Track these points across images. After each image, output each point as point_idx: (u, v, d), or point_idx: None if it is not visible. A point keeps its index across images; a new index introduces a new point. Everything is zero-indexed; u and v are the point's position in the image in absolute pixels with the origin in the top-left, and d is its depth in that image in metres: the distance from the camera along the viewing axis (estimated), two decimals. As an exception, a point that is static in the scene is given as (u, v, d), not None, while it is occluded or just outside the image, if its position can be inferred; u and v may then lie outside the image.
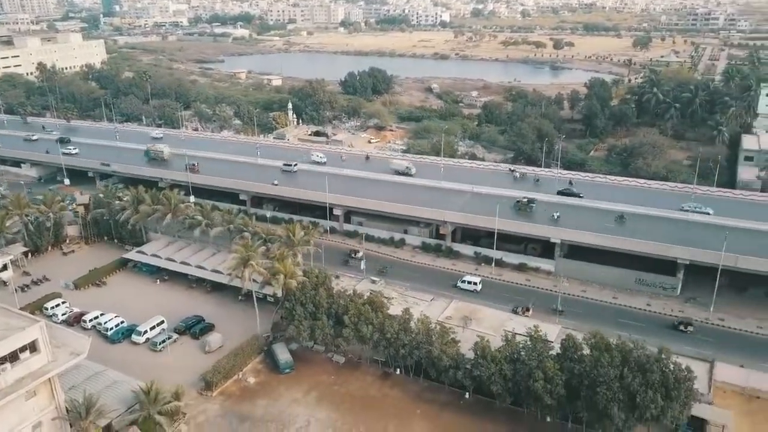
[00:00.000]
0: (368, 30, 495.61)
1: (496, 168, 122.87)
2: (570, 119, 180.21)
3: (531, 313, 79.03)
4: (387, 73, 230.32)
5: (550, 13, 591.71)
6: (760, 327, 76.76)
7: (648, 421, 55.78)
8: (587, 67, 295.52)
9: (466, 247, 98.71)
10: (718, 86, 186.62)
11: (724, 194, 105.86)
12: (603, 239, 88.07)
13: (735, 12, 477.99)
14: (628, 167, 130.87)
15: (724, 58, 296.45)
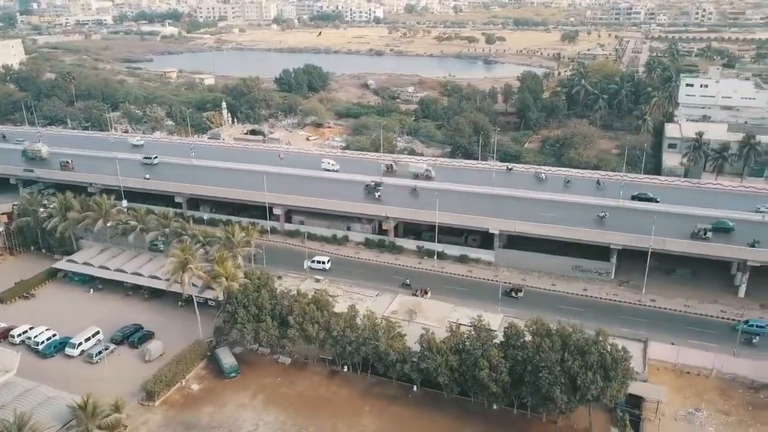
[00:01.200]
0: (302, 27, 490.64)
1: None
2: (504, 112, 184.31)
3: (429, 295, 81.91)
4: (323, 69, 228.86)
5: (481, 9, 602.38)
6: (687, 306, 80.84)
7: (589, 401, 57.81)
8: (519, 61, 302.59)
9: (409, 242, 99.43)
10: (641, 78, 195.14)
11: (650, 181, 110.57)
12: (538, 228, 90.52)
13: (654, 7, 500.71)
14: (561, 158, 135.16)
15: (646, 51, 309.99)
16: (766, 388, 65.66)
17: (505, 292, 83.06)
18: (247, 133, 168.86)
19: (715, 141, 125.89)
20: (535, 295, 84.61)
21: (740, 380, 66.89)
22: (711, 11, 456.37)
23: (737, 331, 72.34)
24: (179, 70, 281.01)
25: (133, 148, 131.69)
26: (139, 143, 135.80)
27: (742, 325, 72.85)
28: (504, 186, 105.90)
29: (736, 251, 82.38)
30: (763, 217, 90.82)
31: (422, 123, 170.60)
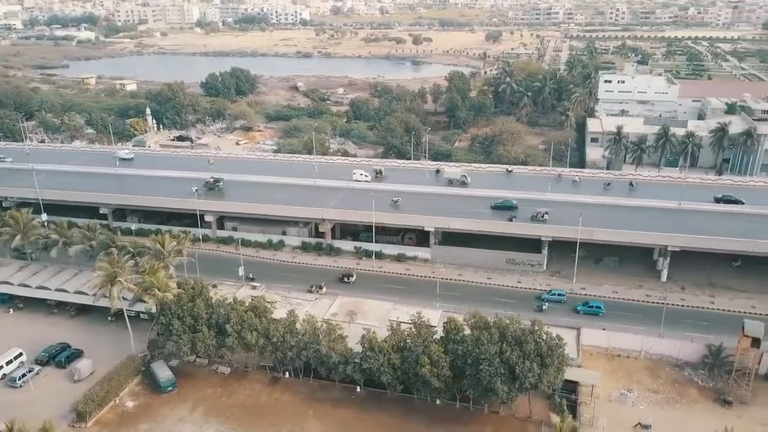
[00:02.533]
0: (227, 30, 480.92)
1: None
2: (434, 112, 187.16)
3: (324, 291, 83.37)
4: (250, 72, 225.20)
5: (407, 10, 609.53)
6: (615, 292, 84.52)
7: (528, 389, 59.40)
8: (446, 61, 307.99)
9: (347, 243, 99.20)
10: (563, 75, 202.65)
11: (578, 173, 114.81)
12: (471, 224, 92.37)
13: (572, 7, 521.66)
14: (490, 155, 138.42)
15: (566, 49, 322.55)
16: (689, 366, 69.46)
17: (338, 278, 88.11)
18: (174, 139, 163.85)
19: (634, 134, 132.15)
20: (472, 289, 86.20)
21: (666, 359, 70.50)
22: (624, 11, 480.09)
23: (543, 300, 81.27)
24: (98, 75, 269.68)
25: (121, 162, 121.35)
26: (128, 157, 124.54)
27: (545, 294, 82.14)
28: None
29: (657, 237, 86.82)
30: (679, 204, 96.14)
31: (354, 124, 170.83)
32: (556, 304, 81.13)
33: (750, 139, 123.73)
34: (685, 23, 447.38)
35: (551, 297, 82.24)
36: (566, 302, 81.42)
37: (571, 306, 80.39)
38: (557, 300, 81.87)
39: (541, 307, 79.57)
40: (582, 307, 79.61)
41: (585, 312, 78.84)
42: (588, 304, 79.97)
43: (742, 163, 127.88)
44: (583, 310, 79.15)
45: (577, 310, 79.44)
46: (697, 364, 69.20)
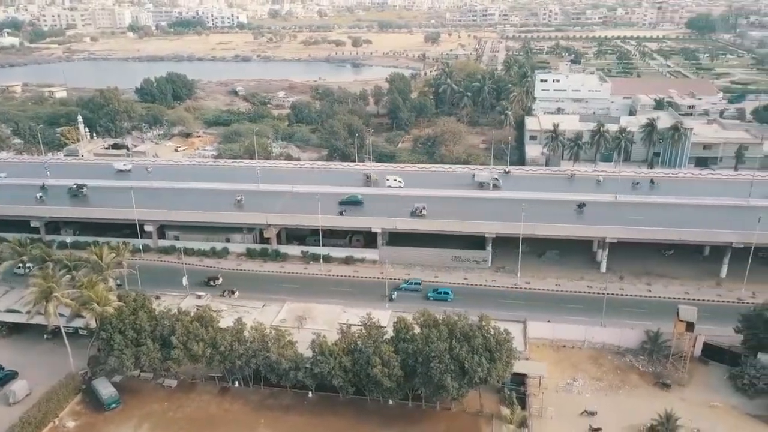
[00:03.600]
0: (161, 34, 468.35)
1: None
2: (376, 114, 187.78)
3: (237, 294, 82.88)
4: (187, 77, 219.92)
5: (345, 12, 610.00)
6: (558, 285, 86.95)
7: (477, 384, 60.25)
8: (386, 63, 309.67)
9: (293, 248, 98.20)
10: (501, 75, 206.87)
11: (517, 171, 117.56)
12: (416, 223, 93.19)
13: (507, 8, 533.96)
14: (433, 155, 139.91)
15: (503, 50, 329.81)
16: (630, 352, 72.08)
17: (204, 281, 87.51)
18: (109, 147, 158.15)
19: (570, 131, 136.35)
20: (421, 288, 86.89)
21: (608, 347, 72.94)
22: (556, 12, 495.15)
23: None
24: (24, 83, 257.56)
25: (117, 174, 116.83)
26: (126, 168, 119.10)
27: (403, 284, 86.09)
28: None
29: (595, 230, 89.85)
30: (615, 198, 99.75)
31: (296, 127, 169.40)
32: (414, 292, 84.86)
33: (677, 133, 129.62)
34: (613, 23, 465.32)
35: (409, 286, 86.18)
36: (422, 290, 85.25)
37: (424, 294, 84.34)
38: (414, 289, 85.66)
39: (391, 296, 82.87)
40: (432, 293, 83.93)
41: (435, 298, 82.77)
42: (437, 290, 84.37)
43: (672, 156, 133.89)
44: (433, 297, 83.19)
45: (428, 296, 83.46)
46: (637, 350, 71.87)
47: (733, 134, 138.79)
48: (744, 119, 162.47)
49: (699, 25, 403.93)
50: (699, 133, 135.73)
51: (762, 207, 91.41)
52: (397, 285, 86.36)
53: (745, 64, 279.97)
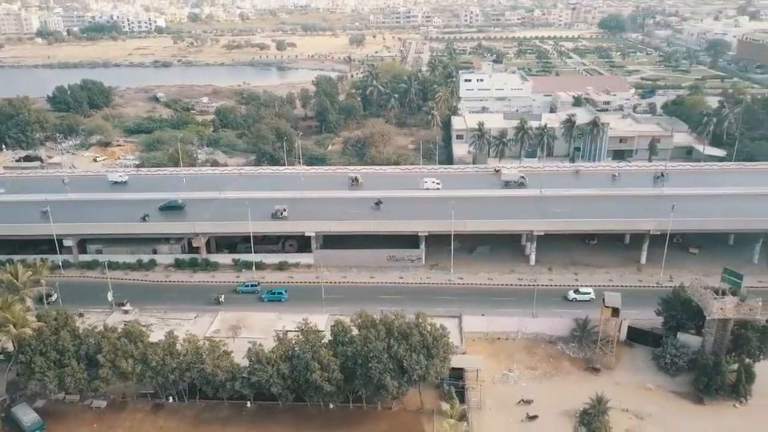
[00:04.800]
0: (73, 39, 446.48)
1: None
2: (304, 117, 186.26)
3: (128, 306, 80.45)
4: (104, 84, 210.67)
5: (268, 15, 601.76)
6: (490, 279, 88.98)
7: (416, 381, 60.72)
8: (312, 65, 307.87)
9: (224, 256, 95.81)
10: (426, 76, 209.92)
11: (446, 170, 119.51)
12: (351, 225, 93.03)
13: (429, 10, 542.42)
14: (363, 157, 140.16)
15: (427, 51, 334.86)
16: (561, 341, 74.66)
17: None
18: (21, 160, 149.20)
19: (495, 129, 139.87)
20: (357, 289, 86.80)
21: (541, 337, 75.26)
22: (477, 13, 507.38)
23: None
24: None
25: (112, 186, 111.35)
26: (121, 180, 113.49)
27: (240, 286, 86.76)
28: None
29: (523, 224, 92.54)
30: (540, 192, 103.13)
31: (222, 133, 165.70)
32: (251, 294, 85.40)
33: (596, 128, 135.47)
34: (531, 24, 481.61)
35: (247, 288, 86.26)
36: (259, 292, 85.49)
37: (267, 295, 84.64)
38: (252, 291, 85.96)
39: (218, 299, 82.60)
40: (267, 295, 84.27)
41: (269, 299, 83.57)
42: (272, 291, 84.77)
43: (591, 150, 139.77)
44: (267, 298, 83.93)
45: (262, 298, 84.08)
46: (568, 338, 74.53)
47: (646, 128, 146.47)
48: (655, 113, 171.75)
49: (610, 25, 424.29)
50: (615, 128, 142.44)
51: (675, 195, 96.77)
52: (232, 287, 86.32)
53: (654, 61, 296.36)
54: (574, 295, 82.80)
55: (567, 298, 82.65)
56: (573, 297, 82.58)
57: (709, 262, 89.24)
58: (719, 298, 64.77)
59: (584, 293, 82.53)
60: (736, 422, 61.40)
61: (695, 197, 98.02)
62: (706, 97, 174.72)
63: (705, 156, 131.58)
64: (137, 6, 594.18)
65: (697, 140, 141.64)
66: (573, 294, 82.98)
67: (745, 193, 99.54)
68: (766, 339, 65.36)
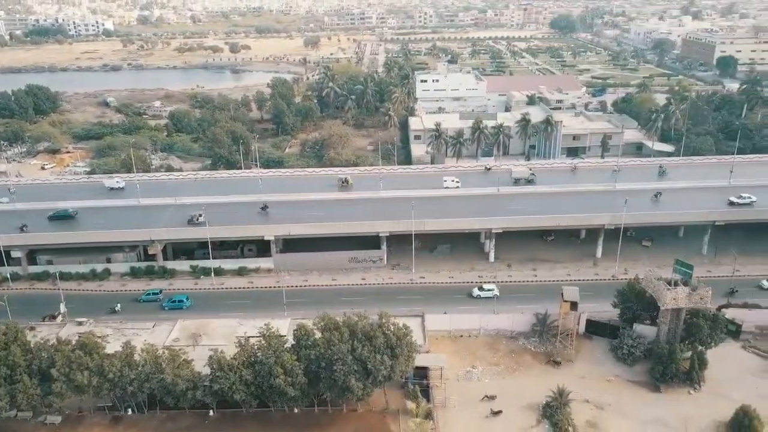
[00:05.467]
0: (15, 43, 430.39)
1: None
2: (260, 120, 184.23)
3: (60, 319, 78.20)
4: (50, 89, 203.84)
5: (220, 18, 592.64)
6: (451, 277, 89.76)
7: (381, 382, 60.66)
8: (267, 68, 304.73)
9: (182, 263, 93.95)
10: (382, 77, 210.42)
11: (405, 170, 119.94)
12: (311, 228, 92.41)
13: (383, 12, 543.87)
14: (322, 159, 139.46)
15: (383, 52, 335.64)
16: (522, 336, 75.77)
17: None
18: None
19: (452, 129, 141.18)
20: (319, 292, 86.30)
21: (502, 333, 76.22)
22: (431, 14, 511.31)
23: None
24: None
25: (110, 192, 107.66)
26: (118, 185, 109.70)
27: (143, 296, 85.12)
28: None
29: (482, 222, 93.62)
30: (498, 190, 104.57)
31: (176, 137, 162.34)
32: (153, 302, 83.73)
33: (549, 126, 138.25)
34: (484, 25, 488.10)
35: (148, 297, 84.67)
36: (161, 300, 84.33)
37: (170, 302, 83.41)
38: (153, 299, 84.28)
39: (114, 309, 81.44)
40: (167, 303, 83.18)
41: (170, 308, 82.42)
42: (172, 299, 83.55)
43: (546, 147, 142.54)
44: (168, 306, 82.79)
45: (163, 307, 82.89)
46: (529, 333, 75.70)
47: (598, 125, 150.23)
48: (606, 111, 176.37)
49: (561, 25, 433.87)
50: (568, 126, 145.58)
51: (627, 190, 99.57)
52: (135, 296, 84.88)
53: (603, 60, 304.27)
54: (478, 292, 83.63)
55: (471, 296, 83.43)
56: (477, 294, 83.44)
57: (661, 254, 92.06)
58: (672, 289, 66.81)
59: (488, 290, 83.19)
60: (690, 408, 63.44)
61: (646, 192, 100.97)
62: (653, 95, 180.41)
63: (654, 151, 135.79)
64: (83, 8, 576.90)
65: (646, 136, 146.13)
66: (477, 291, 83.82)
67: (692, 187, 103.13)
68: (716, 326, 67.89)
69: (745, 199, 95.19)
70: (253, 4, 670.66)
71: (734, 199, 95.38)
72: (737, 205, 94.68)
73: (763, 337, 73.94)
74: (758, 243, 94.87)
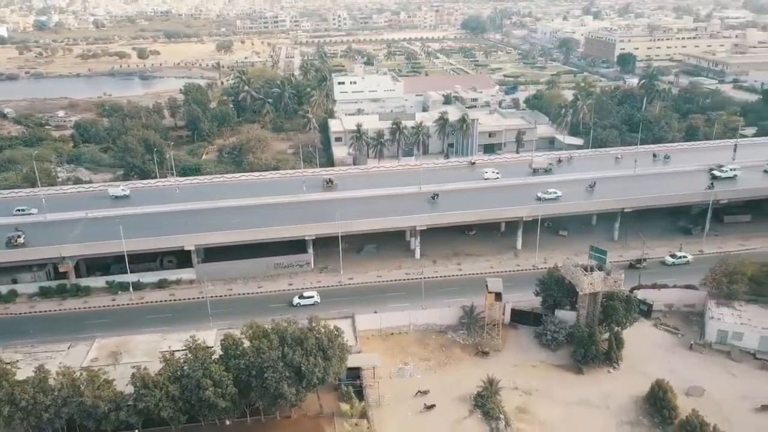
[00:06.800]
0: None
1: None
2: (175, 126, 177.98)
3: None
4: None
5: (126, 23, 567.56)
6: (379, 276, 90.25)
7: (315, 386, 59.99)
8: (179, 73, 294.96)
9: (97, 279, 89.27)
10: (299, 80, 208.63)
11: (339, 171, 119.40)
12: (232, 235, 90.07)
13: (297, 14, 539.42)
14: (241, 164, 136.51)
15: (298, 55, 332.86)
16: (450, 329, 77.16)
17: None
18: None
19: (372, 130, 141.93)
20: (245, 301, 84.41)
21: (432, 328, 77.33)
22: (345, 17, 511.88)
23: None
24: None
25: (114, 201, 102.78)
26: (123, 194, 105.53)
27: None
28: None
29: (406, 220, 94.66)
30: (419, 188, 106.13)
31: (84, 148, 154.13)
32: (65, 321, 79.70)
33: (465, 124, 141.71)
34: (398, 26, 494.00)
35: None
36: None
37: None
38: None
39: None
40: None
41: None
42: None
43: (464, 145, 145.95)
44: None
45: None
46: (457, 326, 77.19)
47: (512, 122, 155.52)
48: (518, 108, 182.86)
49: (472, 26, 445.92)
50: (484, 123, 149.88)
51: (542, 183, 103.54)
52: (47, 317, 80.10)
53: (513, 59, 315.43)
54: (298, 300, 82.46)
55: (292, 304, 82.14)
56: (297, 302, 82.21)
57: (577, 242, 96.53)
58: (588, 274, 70.04)
59: (308, 297, 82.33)
60: (611, 386, 66.75)
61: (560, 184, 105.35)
62: (561, 91, 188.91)
63: (565, 145, 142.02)
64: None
65: (557, 131, 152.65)
66: (297, 299, 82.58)
67: (602, 177, 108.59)
68: (630, 308, 71.77)
69: (551, 194, 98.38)
70: (161, 8, 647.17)
71: (541, 195, 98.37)
72: (544, 200, 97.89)
73: (671, 314, 78.91)
74: (660, 225, 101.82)
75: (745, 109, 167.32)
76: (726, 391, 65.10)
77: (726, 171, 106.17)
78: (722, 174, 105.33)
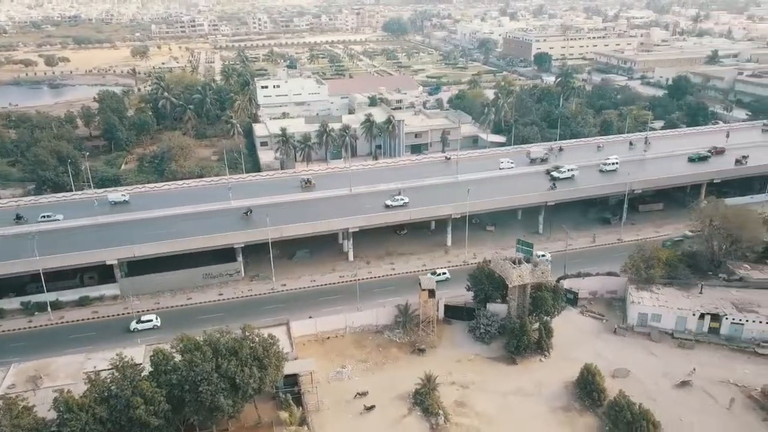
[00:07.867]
0: None
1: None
2: (90, 136, 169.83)
3: None
4: None
5: (30, 29, 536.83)
6: (313, 281, 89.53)
7: (252, 396, 58.76)
8: (92, 81, 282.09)
9: (11, 301, 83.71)
10: (221, 85, 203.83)
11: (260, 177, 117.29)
12: (158, 247, 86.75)
13: (215, 18, 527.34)
14: (163, 172, 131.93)
15: (219, 60, 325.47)
16: (386, 329, 77.46)
17: None
18: None
19: (298, 133, 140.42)
20: (174, 314, 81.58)
21: (368, 329, 77.37)
22: (266, 20, 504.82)
23: None
24: None
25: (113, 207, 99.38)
26: (122, 199, 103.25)
27: None
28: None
29: (338, 223, 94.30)
30: (350, 191, 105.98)
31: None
32: None
33: (392, 126, 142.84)
34: (320, 29, 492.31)
35: None
36: None
37: None
38: None
39: None
40: None
41: None
42: None
43: (391, 146, 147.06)
44: None
45: None
46: (393, 325, 77.54)
47: (437, 122, 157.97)
48: (442, 108, 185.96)
49: (393, 28, 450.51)
50: (410, 124, 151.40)
51: (468, 181, 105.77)
52: None
53: (435, 60, 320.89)
54: (135, 325, 78.24)
55: (130, 329, 77.88)
56: (135, 327, 78.01)
57: (504, 236, 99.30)
58: (517, 267, 72.14)
59: (147, 321, 78.73)
60: (542, 374, 68.97)
61: (485, 180, 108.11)
62: (483, 90, 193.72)
63: (489, 143, 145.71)
64: None
65: (480, 129, 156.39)
66: (135, 324, 78.32)
67: (524, 173, 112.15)
68: (557, 297, 74.45)
69: (398, 201, 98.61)
70: (69, 12, 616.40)
71: (389, 202, 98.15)
72: (391, 207, 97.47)
73: (596, 301, 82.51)
74: (586, 216, 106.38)
75: (652, 103, 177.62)
76: (649, 370, 68.66)
77: (564, 172, 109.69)
78: (560, 175, 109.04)
